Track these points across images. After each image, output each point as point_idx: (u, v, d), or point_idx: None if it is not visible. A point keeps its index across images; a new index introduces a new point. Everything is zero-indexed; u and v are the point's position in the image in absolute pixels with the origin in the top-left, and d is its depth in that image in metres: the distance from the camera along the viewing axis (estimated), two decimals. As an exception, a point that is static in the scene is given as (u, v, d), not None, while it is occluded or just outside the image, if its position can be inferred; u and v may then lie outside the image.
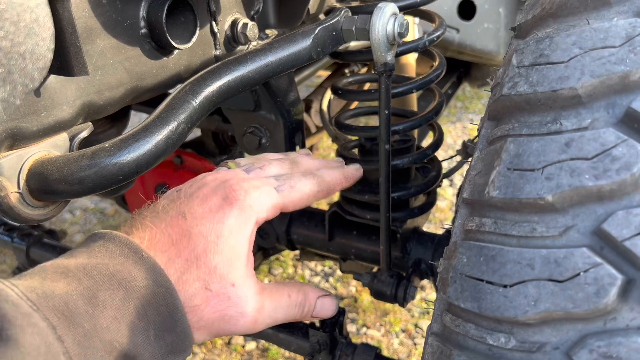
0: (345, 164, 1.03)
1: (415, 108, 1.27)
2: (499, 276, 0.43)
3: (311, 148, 1.54)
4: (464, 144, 1.18)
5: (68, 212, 2.52)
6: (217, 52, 0.78)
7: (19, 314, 0.39)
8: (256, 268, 1.26)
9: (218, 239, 0.52)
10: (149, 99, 0.78)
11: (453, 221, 1.03)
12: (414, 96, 1.27)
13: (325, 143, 3.11)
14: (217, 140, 1.16)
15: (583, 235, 0.41)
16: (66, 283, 0.43)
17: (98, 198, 2.58)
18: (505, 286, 0.43)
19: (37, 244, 1.21)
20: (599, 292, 0.39)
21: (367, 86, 1.32)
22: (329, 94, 1.31)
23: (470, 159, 0.93)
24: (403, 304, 0.99)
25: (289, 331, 0.94)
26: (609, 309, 0.39)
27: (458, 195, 1.05)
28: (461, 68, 1.98)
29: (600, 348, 0.39)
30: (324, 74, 1.78)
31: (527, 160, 0.45)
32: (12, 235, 1.23)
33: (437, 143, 1.02)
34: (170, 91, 0.68)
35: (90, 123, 0.63)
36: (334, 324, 0.91)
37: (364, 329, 1.76)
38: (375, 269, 1.15)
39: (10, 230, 1.24)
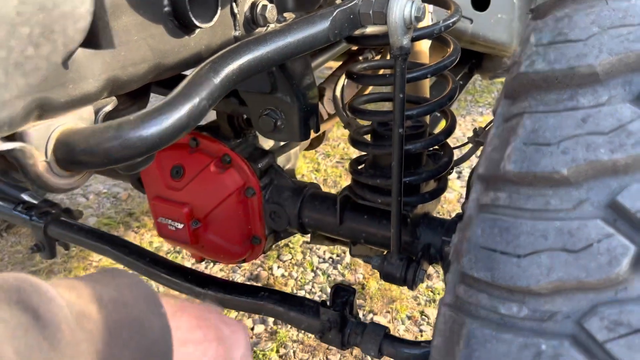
0: (357, 149, 1.05)
1: (428, 95, 1.27)
2: (513, 247, 0.45)
3: (323, 135, 1.55)
4: (475, 131, 1.19)
5: (81, 195, 2.55)
6: (237, 33, 0.79)
7: (67, 327, 0.40)
8: (267, 251, 1.28)
9: None
10: (168, 78, 0.80)
11: (462, 207, 1.04)
12: (427, 83, 1.28)
13: (335, 134, 3.12)
14: (232, 124, 1.18)
15: (597, 208, 0.42)
16: (97, 311, 0.46)
17: (112, 182, 2.61)
18: (518, 256, 0.44)
19: (55, 222, 1.23)
20: (612, 262, 0.40)
21: (380, 73, 1.32)
22: (342, 81, 1.32)
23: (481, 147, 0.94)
24: (412, 286, 1.00)
25: (300, 309, 0.96)
26: (620, 279, 0.40)
27: (469, 179, 1.06)
28: (473, 59, 1.98)
29: (611, 316, 0.40)
30: (335, 64, 1.79)
31: (543, 135, 0.46)
32: (31, 213, 1.25)
33: (450, 129, 1.03)
34: (188, 72, 0.70)
35: (114, 98, 0.64)
36: (345, 303, 0.93)
37: (371, 315, 1.78)
38: (385, 253, 1.16)
39: (28, 208, 1.26)
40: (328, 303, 0.96)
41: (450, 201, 2.43)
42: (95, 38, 0.55)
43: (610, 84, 0.45)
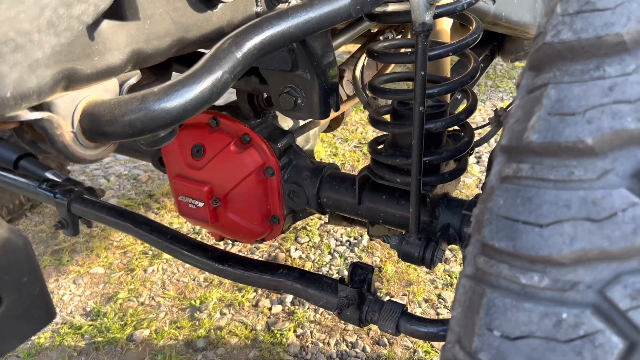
0: (377, 129, 1.05)
1: (448, 74, 1.26)
2: (535, 216, 0.44)
3: (341, 116, 1.55)
4: (496, 111, 1.17)
5: (103, 177, 2.59)
6: (259, 9, 0.79)
7: None
8: (285, 230, 1.29)
9: None
10: (188, 57, 0.80)
11: (483, 187, 1.03)
12: (448, 63, 1.26)
13: (353, 118, 3.11)
14: (252, 104, 1.18)
15: (622, 178, 0.42)
16: None
17: (132, 164, 2.65)
18: (541, 226, 0.44)
19: (78, 199, 1.26)
20: (636, 231, 0.40)
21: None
22: (362, 61, 1.32)
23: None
24: (430, 266, 1.01)
25: (318, 286, 0.97)
26: (644, 248, 0.40)
27: (490, 159, 1.05)
28: (495, 42, 1.95)
29: (635, 284, 0.40)
30: (353, 48, 1.78)
31: (568, 105, 0.45)
32: (55, 191, 1.28)
33: (471, 108, 1.02)
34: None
35: (138, 71, 0.65)
36: (363, 281, 0.94)
37: (387, 298, 1.79)
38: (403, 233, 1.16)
39: (52, 186, 1.29)
40: (346, 280, 0.97)
41: (469, 186, 2.42)
42: (120, 9, 0.56)
43: (638, 53, 0.44)
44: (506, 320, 0.45)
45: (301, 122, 1.33)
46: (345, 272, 1.91)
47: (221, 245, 2.00)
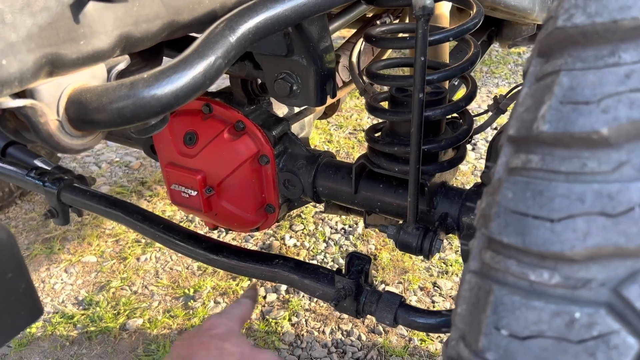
0: (374, 116, 1.02)
1: (447, 60, 1.23)
2: (547, 211, 0.43)
3: (337, 103, 1.52)
4: (496, 98, 1.15)
5: (94, 164, 2.55)
6: (252, -9, 0.76)
7: None
8: (280, 219, 1.27)
9: None
10: (180, 41, 0.77)
11: (482, 177, 1.01)
12: (447, 48, 1.24)
13: (348, 104, 3.08)
14: (246, 90, 1.15)
15: (638, 171, 0.40)
16: None
17: (124, 151, 2.61)
18: (552, 221, 0.42)
19: (68, 188, 1.23)
20: (654, 227, 0.38)
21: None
22: (358, 46, 1.28)
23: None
24: (428, 256, 0.99)
25: (314, 277, 0.95)
26: (662, 244, 0.38)
27: (490, 148, 1.03)
28: (492, 27, 1.92)
29: (651, 283, 0.38)
30: (348, 34, 1.75)
31: (581, 93, 0.43)
32: (44, 179, 1.25)
33: (471, 95, 1.00)
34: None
35: (127, 56, 0.62)
36: (360, 272, 0.92)
37: (383, 286, 1.78)
38: (400, 223, 1.14)
39: (42, 174, 1.26)
40: (343, 271, 0.95)
41: (464, 173, 2.40)
42: (107, -10, 0.53)
43: (657, 38, 0.42)
44: (515, 319, 0.43)
45: (296, 109, 1.30)
46: (341, 260, 1.90)
47: (215, 233, 1.98)
